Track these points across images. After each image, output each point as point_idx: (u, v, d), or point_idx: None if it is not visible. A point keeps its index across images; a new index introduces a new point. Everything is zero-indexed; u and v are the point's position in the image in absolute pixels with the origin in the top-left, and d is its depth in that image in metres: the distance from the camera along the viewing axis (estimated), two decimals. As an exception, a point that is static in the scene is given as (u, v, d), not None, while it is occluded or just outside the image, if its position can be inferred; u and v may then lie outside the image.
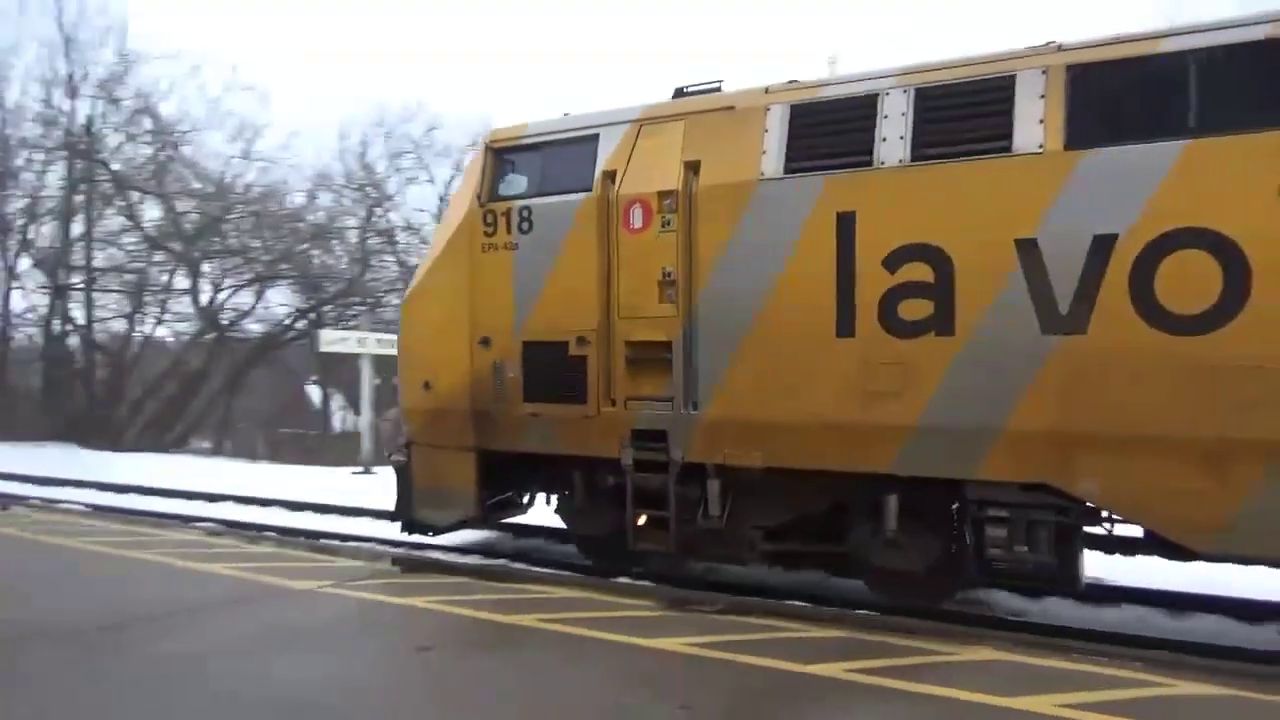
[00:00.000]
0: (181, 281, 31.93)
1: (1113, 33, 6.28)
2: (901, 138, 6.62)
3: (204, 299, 30.79)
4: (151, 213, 31.40)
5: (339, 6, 60.82)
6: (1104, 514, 6.44)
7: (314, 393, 42.22)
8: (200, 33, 52.45)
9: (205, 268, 31.16)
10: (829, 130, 6.94)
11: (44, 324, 32.49)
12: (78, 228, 31.80)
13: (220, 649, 5.53)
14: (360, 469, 19.93)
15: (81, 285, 31.55)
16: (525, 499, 9.37)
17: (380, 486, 13.42)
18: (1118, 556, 7.04)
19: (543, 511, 9.45)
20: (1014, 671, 5.15)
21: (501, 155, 8.50)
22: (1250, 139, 5.53)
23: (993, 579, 6.90)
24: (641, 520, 7.77)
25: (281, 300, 33.77)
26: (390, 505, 9.31)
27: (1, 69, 33.11)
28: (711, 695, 4.71)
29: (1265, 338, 5.47)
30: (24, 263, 32.93)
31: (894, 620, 6.36)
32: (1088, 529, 6.64)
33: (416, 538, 9.45)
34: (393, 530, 9.78)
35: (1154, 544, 6.44)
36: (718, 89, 7.78)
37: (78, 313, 31.86)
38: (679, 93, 8.00)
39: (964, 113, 6.49)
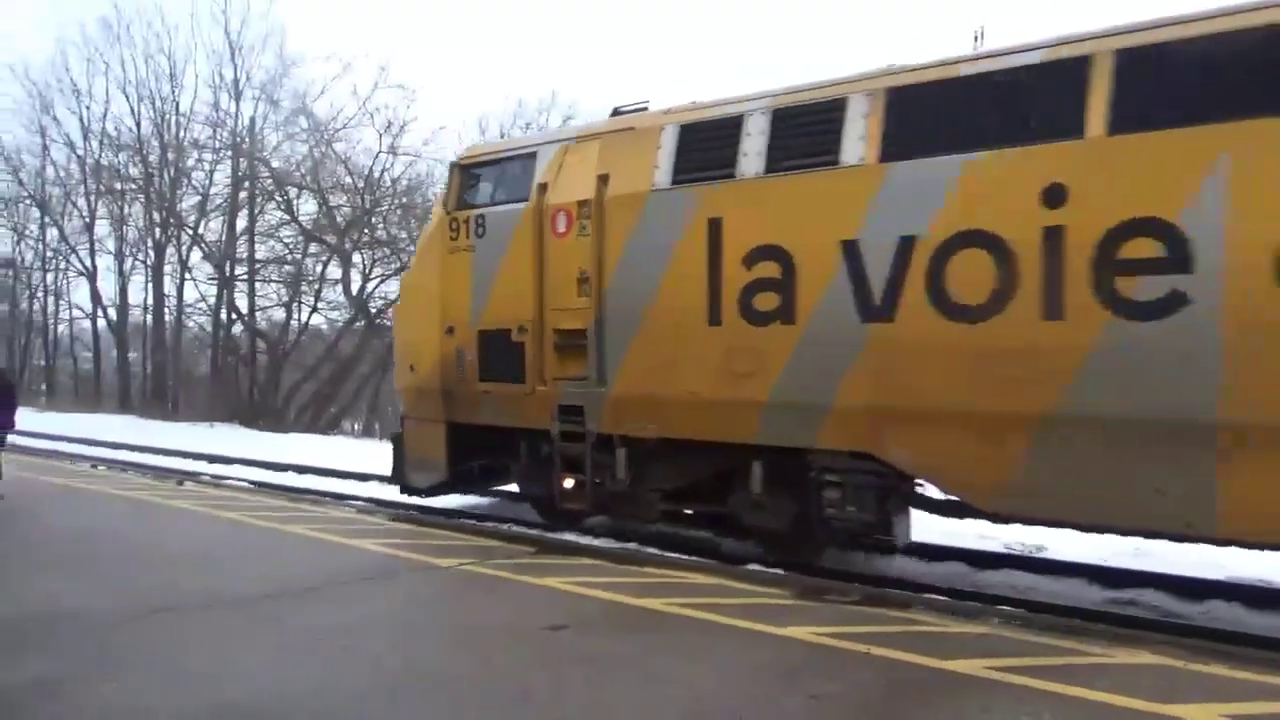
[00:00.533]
0: (334, 272, 33.70)
1: (935, 57, 7.10)
2: (759, 153, 7.63)
3: (355, 288, 32.35)
4: (307, 207, 33.24)
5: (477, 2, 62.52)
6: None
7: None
8: (352, 32, 54.96)
9: (356, 258, 32.73)
10: (706, 147, 7.95)
11: (213, 313, 34.99)
12: (242, 222, 34.02)
13: (368, 620, 5.81)
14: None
15: (245, 276, 33.74)
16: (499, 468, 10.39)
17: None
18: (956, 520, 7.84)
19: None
20: (1172, 677, 4.83)
21: (466, 170, 9.86)
22: (1018, 152, 6.42)
23: (832, 536, 8.04)
24: (568, 483, 8.95)
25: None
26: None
27: (177, 77, 35.87)
28: (842, 686, 4.61)
29: (1029, 324, 6.32)
30: (195, 256, 35.57)
31: (1043, 618, 6.10)
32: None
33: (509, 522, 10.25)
34: (530, 512, 10.59)
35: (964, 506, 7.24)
36: (644, 108, 8.92)
37: (242, 302, 34.12)
38: (615, 112, 9.21)
39: (806, 131, 7.47)
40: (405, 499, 10.83)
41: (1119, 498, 6.18)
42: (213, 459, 17.84)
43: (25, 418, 15.97)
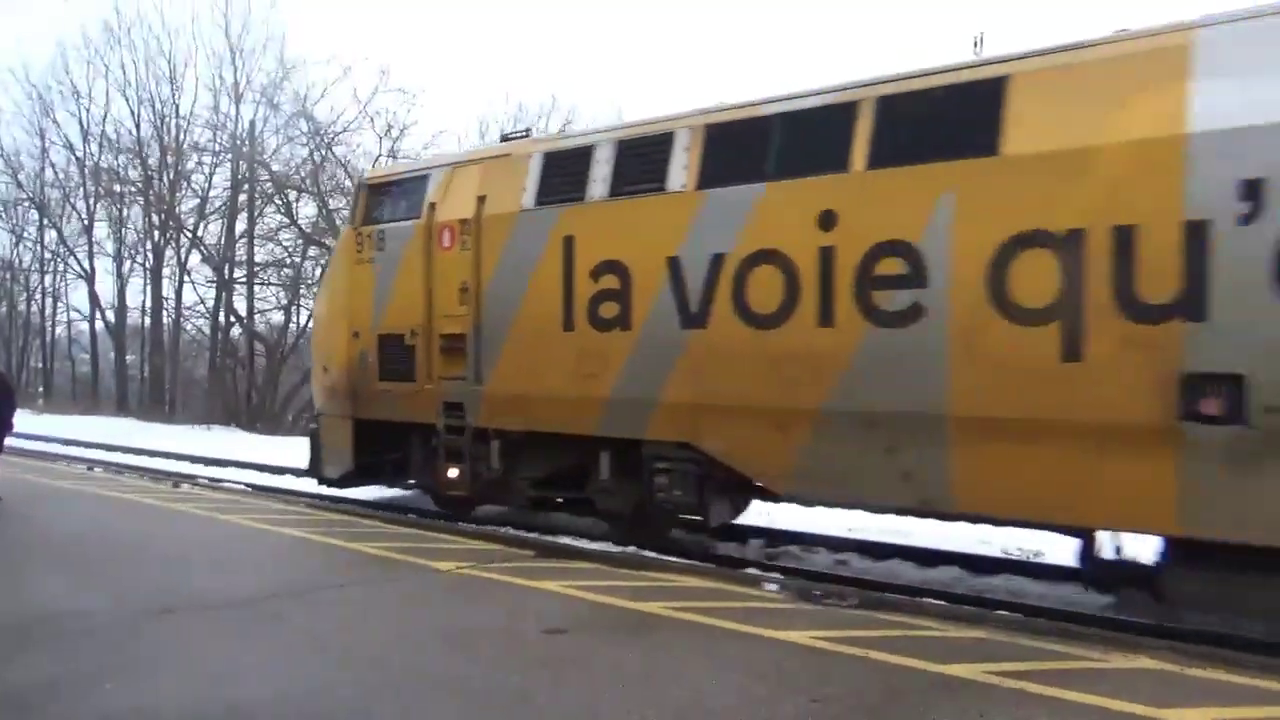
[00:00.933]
0: (333, 276, 33.38)
1: (742, 98, 8.18)
2: (605, 179, 8.60)
3: (353, 292, 32.13)
4: (306, 210, 33.23)
5: (480, 5, 62.58)
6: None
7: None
8: (353, 35, 55.03)
9: (354, 262, 32.50)
10: (564, 173, 8.92)
11: (211, 316, 34.95)
12: (241, 225, 34.00)
13: (369, 622, 5.87)
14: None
15: (244, 279, 33.71)
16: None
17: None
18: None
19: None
20: (1169, 681, 4.86)
21: (371, 190, 10.98)
22: (801, 182, 7.40)
23: (660, 514, 8.87)
24: (452, 473, 9.88)
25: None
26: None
27: (177, 80, 35.88)
28: (842, 690, 4.63)
29: (808, 331, 7.28)
30: (194, 259, 35.55)
31: (1040, 623, 6.15)
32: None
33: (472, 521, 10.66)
34: (518, 515, 10.80)
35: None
36: (526, 134, 10.35)
37: (240, 305, 34.10)
38: (503, 138, 10.58)
39: (642, 160, 8.39)
40: (388, 503, 11.37)
41: (876, 480, 7.16)
42: (210, 462, 17.84)
43: (23, 420, 15.99)
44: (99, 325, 40.79)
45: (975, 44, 8.13)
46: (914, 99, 7.10)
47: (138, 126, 36.19)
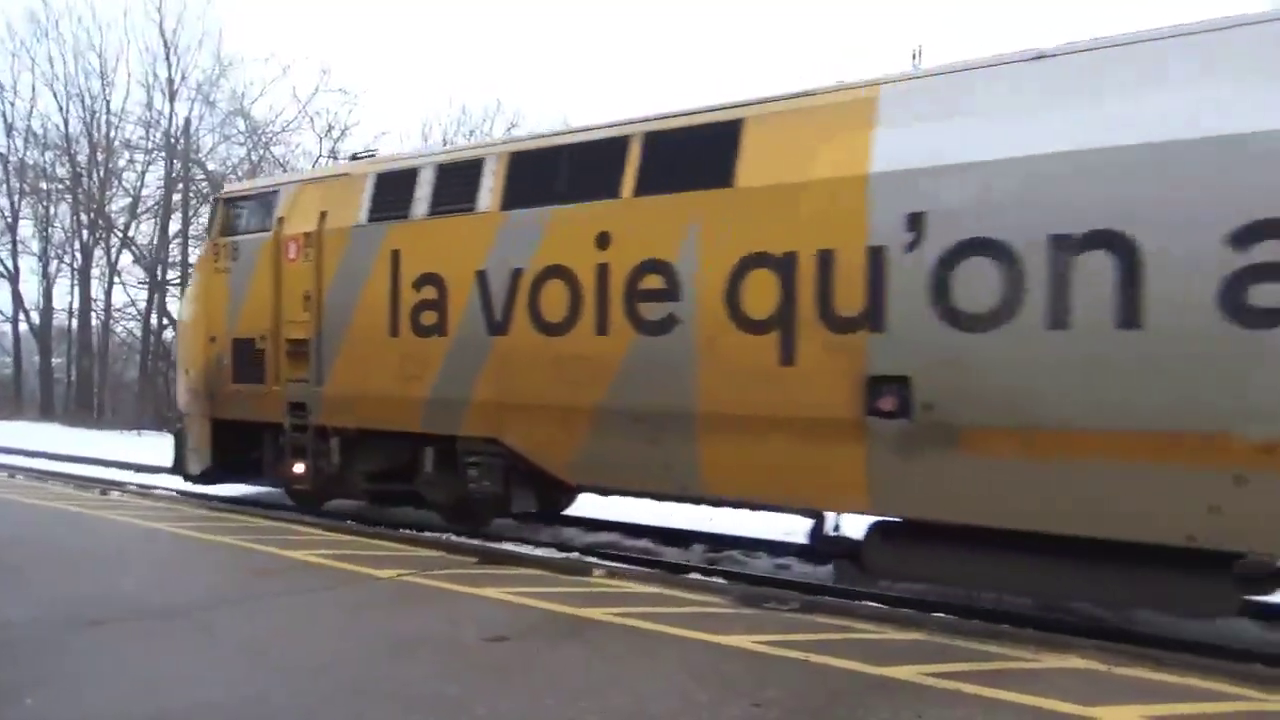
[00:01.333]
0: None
1: (544, 130, 9.45)
2: (426, 199, 9.52)
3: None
4: (243, 211, 32.38)
5: (424, 7, 61.99)
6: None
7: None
8: (292, 35, 54.11)
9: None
10: (393, 192, 9.82)
11: (143, 318, 34.02)
12: (174, 225, 33.24)
13: (307, 631, 5.81)
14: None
15: (177, 281, 32.91)
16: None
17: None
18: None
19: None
20: (1098, 680, 4.99)
21: (228, 204, 11.86)
22: (584, 205, 8.36)
23: (476, 504, 9.86)
24: (298, 468, 10.70)
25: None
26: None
27: (108, 75, 34.87)
28: (783, 694, 4.68)
29: (588, 338, 8.23)
30: (125, 259, 34.59)
31: (974, 624, 6.28)
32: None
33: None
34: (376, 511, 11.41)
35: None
36: (373, 154, 11.64)
37: (174, 307, 33.23)
38: (354, 157, 11.48)
39: (457, 183, 9.31)
40: (309, 509, 11.36)
41: (643, 470, 8.16)
42: (140, 468, 17.28)
43: (-60, 425, 15.34)
44: (23, 327, 39.40)
45: (914, 56, 8.27)
46: (672, 135, 8.11)
47: (66, 122, 35.23)
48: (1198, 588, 6.18)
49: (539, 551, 9.15)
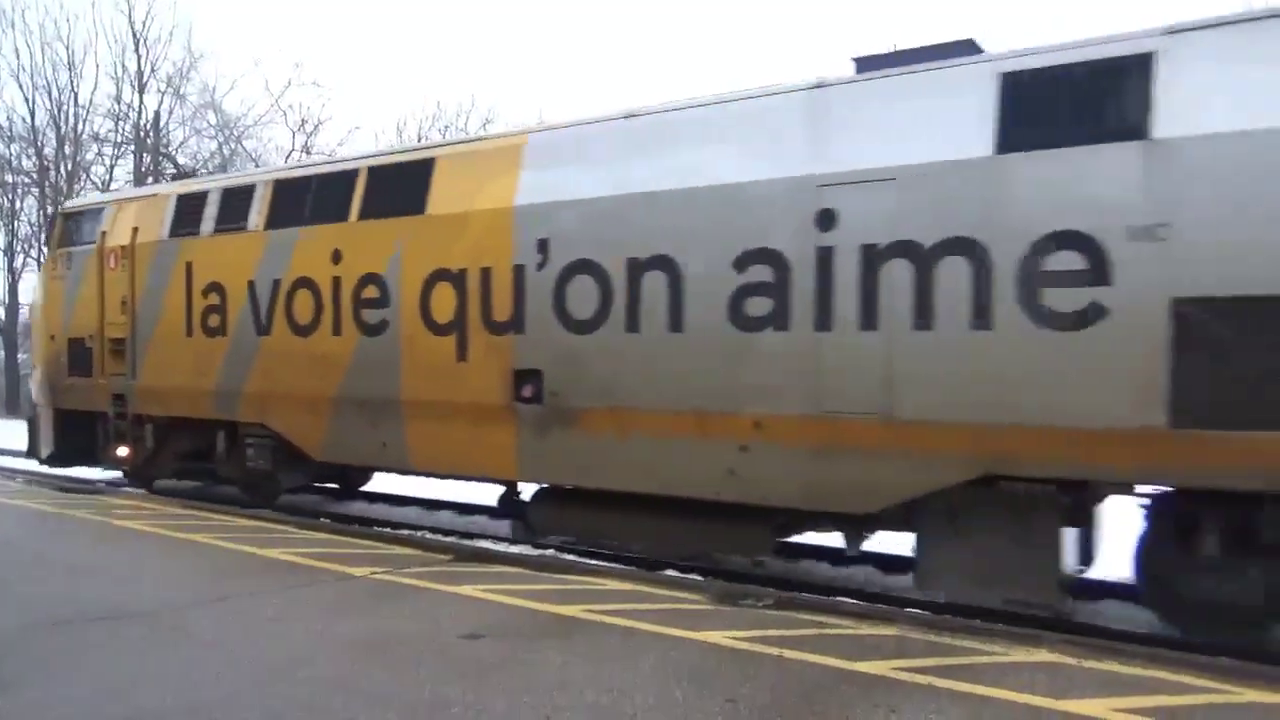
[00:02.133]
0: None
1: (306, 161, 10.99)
2: (213, 218, 11.14)
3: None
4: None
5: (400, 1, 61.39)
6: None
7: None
8: (265, 28, 53.51)
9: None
10: (190, 212, 11.45)
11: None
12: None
13: (280, 631, 5.78)
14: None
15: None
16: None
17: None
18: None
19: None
20: (1068, 674, 5.08)
21: (65, 219, 13.52)
22: (323, 227, 10.00)
23: (260, 480, 11.27)
24: (121, 451, 12.31)
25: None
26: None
27: (77, 67, 34.33)
28: (758, 690, 4.73)
29: (327, 338, 9.86)
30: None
31: (947, 619, 6.34)
32: None
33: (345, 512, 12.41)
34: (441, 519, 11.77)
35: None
36: (194, 173, 13.09)
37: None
38: (174, 177, 13.18)
39: (234, 204, 10.94)
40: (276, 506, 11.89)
41: (369, 449, 9.78)
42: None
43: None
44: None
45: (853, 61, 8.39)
46: (387, 170, 9.73)
47: (32, 114, 34.57)
48: (747, 534, 7.86)
49: (515, 549, 9.18)
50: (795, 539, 8.75)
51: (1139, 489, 6.58)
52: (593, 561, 8.51)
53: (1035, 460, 6.31)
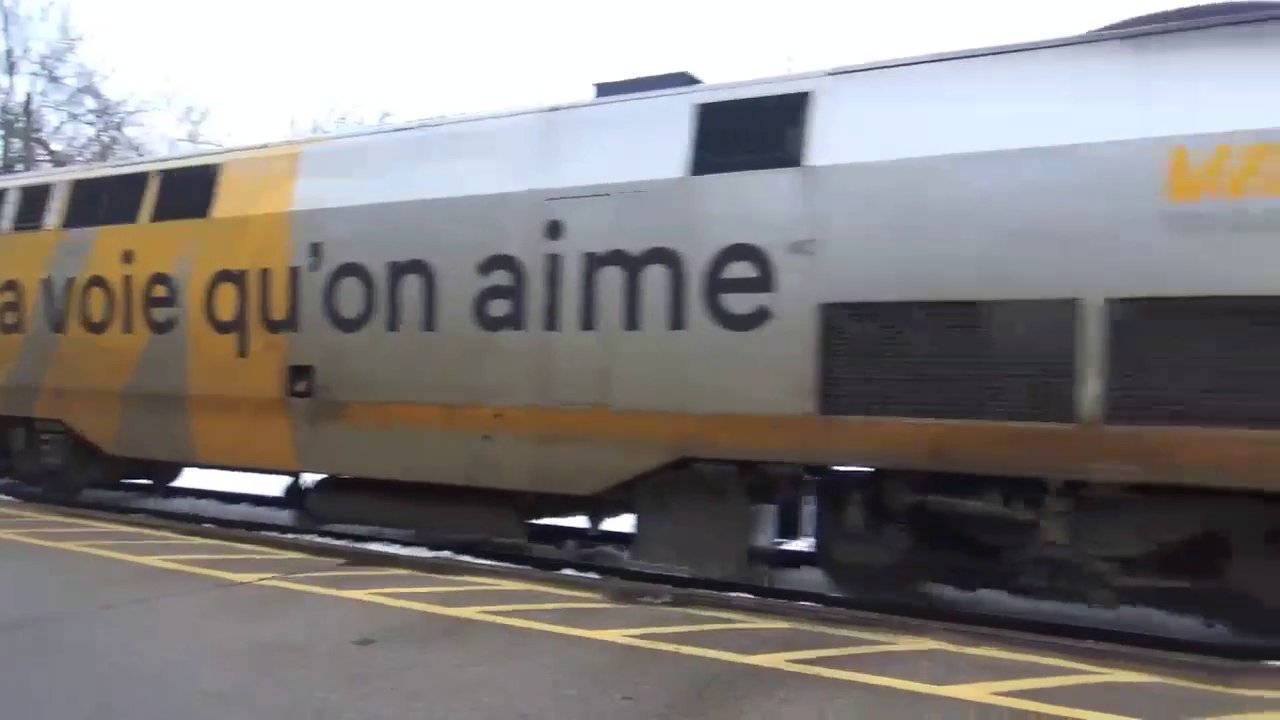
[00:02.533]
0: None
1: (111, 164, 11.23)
2: (11, 217, 11.36)
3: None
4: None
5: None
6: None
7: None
8: (152, 12, 51.00)
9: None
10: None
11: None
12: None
13: (162, 642, 5.54)
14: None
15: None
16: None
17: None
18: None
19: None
20: (951, 660, 5.27)
21: None
22: (116, 228, 10.32)
23: (58, 476, 11.28)
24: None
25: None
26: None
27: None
28: (654, 686, 4.74)
29: (118, 336, 10.16)
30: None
31: (837, 612, 6.51)
32: None
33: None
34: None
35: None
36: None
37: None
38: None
39: (32, 204, 11.18)
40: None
41: (161, 443, 10.11)
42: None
43: None
44: None
45: (788, 60, 8.63)
46: (176, 174, 10.16)
47: (-114, 94, 32.04)
48: (497, 516, 8.51)
49: (408, 551, 8.96)
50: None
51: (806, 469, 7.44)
52: (487, 562, 8.37)
53: (719, 445, 7.19)
